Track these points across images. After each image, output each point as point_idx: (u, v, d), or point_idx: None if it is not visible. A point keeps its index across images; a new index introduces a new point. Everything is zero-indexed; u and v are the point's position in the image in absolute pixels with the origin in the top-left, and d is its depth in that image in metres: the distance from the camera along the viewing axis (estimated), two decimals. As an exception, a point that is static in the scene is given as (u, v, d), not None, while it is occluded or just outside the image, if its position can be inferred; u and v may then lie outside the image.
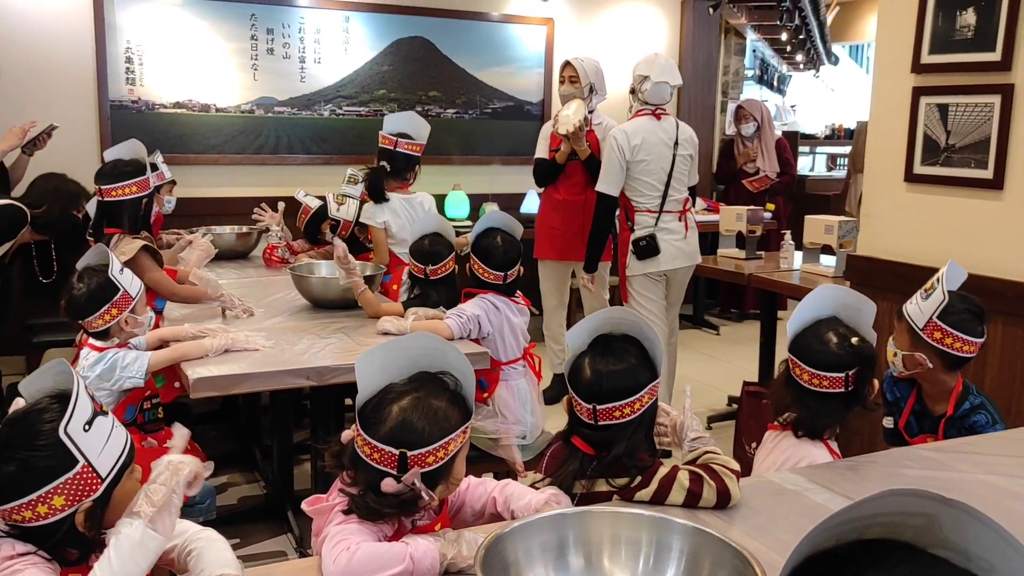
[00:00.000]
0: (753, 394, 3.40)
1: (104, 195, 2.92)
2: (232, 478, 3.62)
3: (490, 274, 2.80)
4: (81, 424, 1.22)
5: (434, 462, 1.33)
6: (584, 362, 1.61)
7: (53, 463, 1.20)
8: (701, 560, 1.19)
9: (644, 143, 3.79)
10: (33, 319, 4.27)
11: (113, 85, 4.89)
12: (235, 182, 5.28)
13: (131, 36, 4.92)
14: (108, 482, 1.25)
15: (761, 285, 3.97)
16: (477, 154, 5.97)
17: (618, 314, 1.66)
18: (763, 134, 6.19)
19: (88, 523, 1.24)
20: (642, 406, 1.58)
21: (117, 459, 1.27)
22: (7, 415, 1.27)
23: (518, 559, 1.20)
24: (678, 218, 3.92)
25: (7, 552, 1.19)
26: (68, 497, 1.21)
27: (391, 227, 3.60)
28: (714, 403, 4.61)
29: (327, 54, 5.45)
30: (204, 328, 2.56)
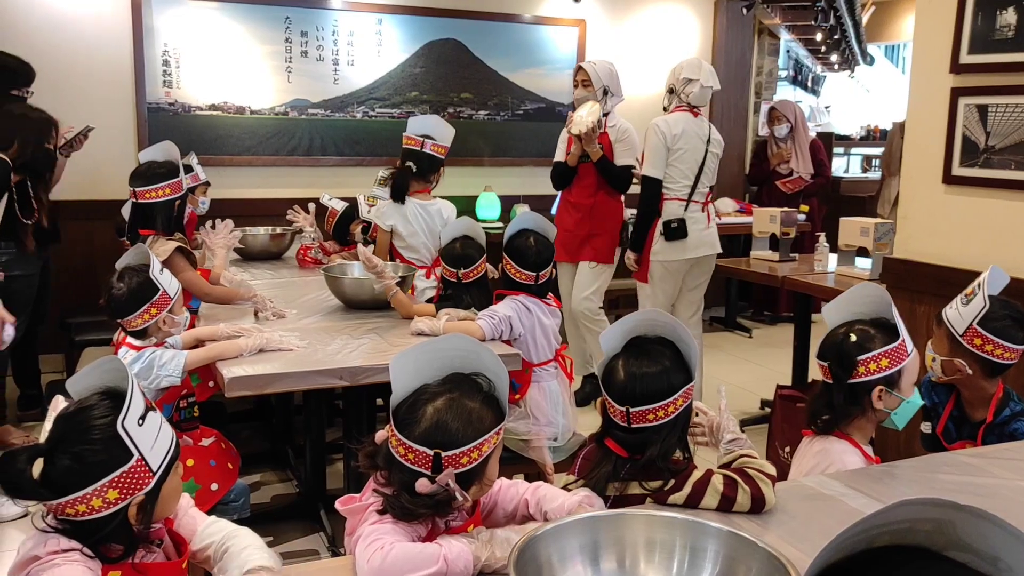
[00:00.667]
0: (787, 398, 3.37)
1: (138, 197, 2.96)
2: (265, 477, 3.65)
3: (522, 274, 2.80)
4: (136, 418, 1.24)
5: (468, 463, 1.34)
6: (618, 364, 1.61)
7: (107, 457, 1.22)
8: (736, 565, 1.18)
9: (683, 134, 4.05)
10: (72, 318, 4.34)
11: (150, 87, 4.97)
12: (269, 183, 5.33)
13: (168, 39, 4.99)
14: (158, 476, 1.27)
15: (795, 288, 3.93)
16: (508, 156, 5.98)
17: (653, 316, 1.65)
18: (797, 135, 6.14)
19: (139, 516, 1.26)
20: (676, 409, 1.57)
21: (166, 454, 1.29)
22: (59, 413, 1.29)
23: (551, 561, 1.19)
24: (701, 208, 4.19)
25: (52, 547, 1.20)
26: (122, 491, 1.23)
27: (399, 231, 3.58)
28: (746, 407, 4.58)
29: (360, 56, 5.49)
30: (239, 328, 2.58)
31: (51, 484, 1.22)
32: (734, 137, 6.79)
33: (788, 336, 4.50)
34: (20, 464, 1.21)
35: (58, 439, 1.24)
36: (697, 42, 6.54)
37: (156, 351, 2.36)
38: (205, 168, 4.49)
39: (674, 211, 4.09)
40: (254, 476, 3.60)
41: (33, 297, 3.92)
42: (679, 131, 4.03)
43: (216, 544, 1.36)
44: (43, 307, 4.11)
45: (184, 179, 3.08)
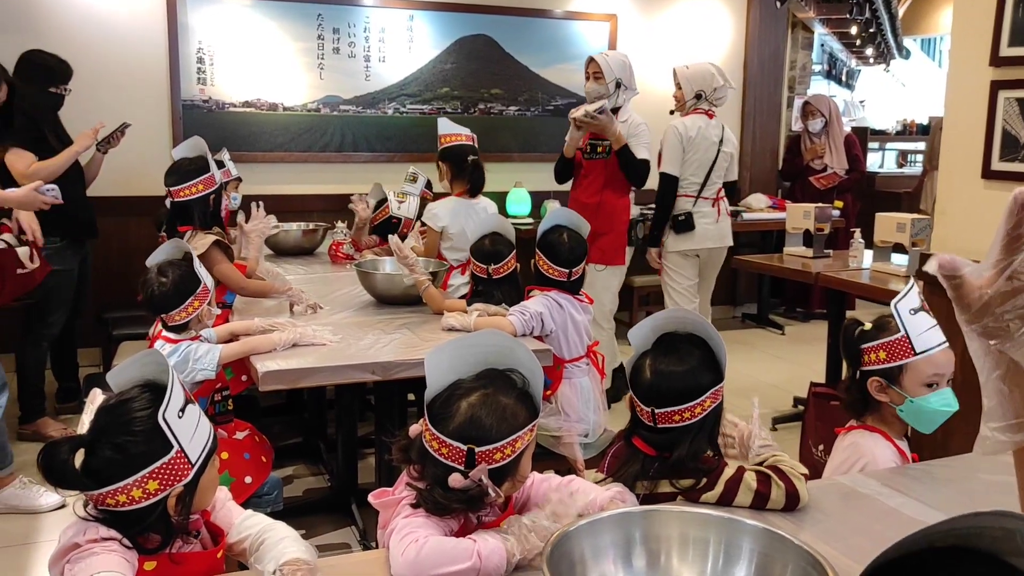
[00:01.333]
0: (820, 395, 3.32)
1: (174, 196, 3.00)
2: (297, 470, 3.68)
3: (555, 270, 2.80)
4: (176, 411, 1.26)
5: (501, 459, 1.34)
6: (645, 363, 1.59)
7: (147, 449, 1.24)
8: (771, 563, 1.16)
9: (697, 136, 4.27)
10: (108, 313, 4.40)
11: (185, 85, 5.02)
12: (301, 180, 5.37)
13: (203, 37, 5.04)
14: (197, 468, 1.29)
15: (830, 284, 3.88)
16: (538, 151, 5.96)
17: (683, 313, 1.63)
18: (831, 130, 6.07)
19: (178, 507, 1.28)
20: (703, 410, 1.55)
21: (204, 446, 1.31)
22: (100, 404, 1.31)
23: (584, 557, 1.19)
24: (711, 204, 4.38)
25: (91, 535, 1.22)
26: (162, 482, 1.25)
27: (449, 231, 3.61)
28: (779, 404, 4.54)
29: (391, 53, 5.51)
30: (273, 322, 2.61)
31: (93, 474, 1.24)
32: (767, 132, 6.73)
33: (821, 333, 4.45)
34: (63, 454, 1.23)
35: (100, 430, 1.26)
36: (730, 36, 6.48)
37: (192, 345, 2.38)
38: (238, 164, 4.54)
39: (682, 206, 4.32)
40: (286, 470, 3.63)
41: (72, 291, 3.99)
42: (694, 133, 4.26)
43: (253, 537, 1.37)
44: (82, 302, 4.18)
45: (216, 173, 3.11)
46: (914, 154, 10.17)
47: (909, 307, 1.86)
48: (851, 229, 4.71)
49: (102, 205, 4.44)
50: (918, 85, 11.69)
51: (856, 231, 4.27)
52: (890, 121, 10.42)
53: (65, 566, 1.21)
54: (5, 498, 3.17)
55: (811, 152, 6.13)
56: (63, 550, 1.22)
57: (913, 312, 1.87)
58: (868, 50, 8.78)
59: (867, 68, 10.35)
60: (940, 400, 1.87)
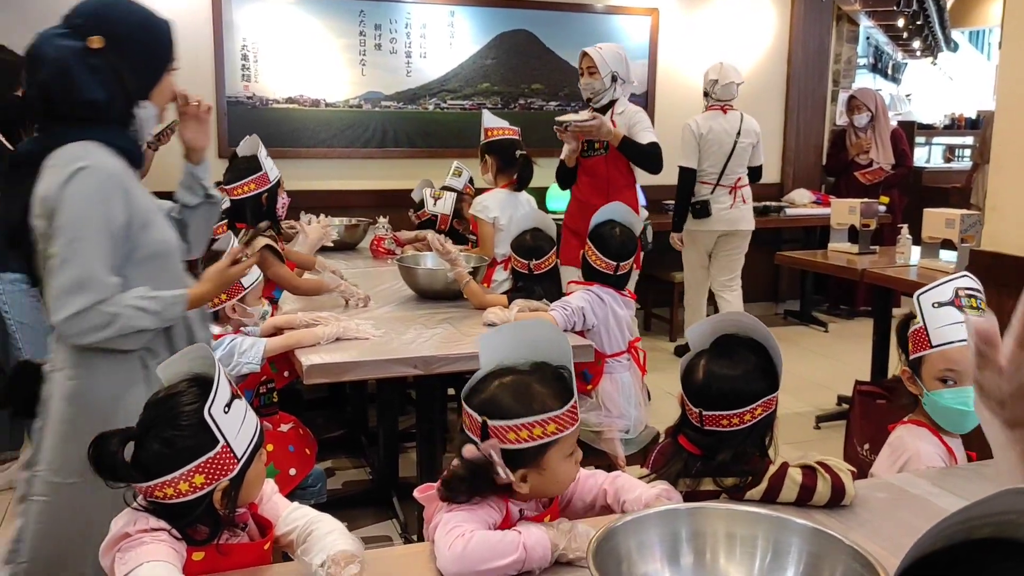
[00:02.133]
0: (866, 394, 3.27)
1: (229, 194, 3.07)
2: (338, 463, 3.72)
3: (602, 262, 2.79)
4: (222, 406, 1.27)
5: (515, 440, 1.32)
6: (700, 363, 1.58)
7: (194, 443, 1.26)
8: (821, 562, 1.15)
9: (711, 130, 4.74)
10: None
11: (230, 81, 5.09)
12: (342, 175, 5.41)
13: (247, 34, 5.10)
14: (243, 463, 1.30)
15: (876, 281, 3.82)
16: (579, 147, 5.94)
17: (744, 317, 1.61)
18: (877, 125, 5.96)
19: (224, 501, 1.29)
20: (752, 418, 1.53)
21: (250, 441, 1.32)
22: (149, 398, 1.33)
23: (631, 553, 1.18)
24: (729, 191, 4.85)
25: (142, 525, 1.24)
26: (208, 476, 1.26)
27: (500, 222, 3.63)
28: (822, 403, 4.48)
29: (432, 49, 5.52)
30: (316, 316, 2.63)
31: (141, 467, 1.26)
32: (810, 127, 6.63)
33: (866, 330, 4.39)
34: (112, 447, 1.25)
35: (149, 424, 1.28)
36: (773, 29, 6.40)
37: (236, 338, 2.42)
38: (280, 160, 4.57)
39: (701, 193, 4.84)
40: (328, 462, 3.66)
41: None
42: (707, 128, 4.74)
43: (300, 529, 1.38)
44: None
45: (270, 172, 3.14)
46: (962, 149, 9.97)
47: (933, 300, 1.85)
48: (898, 225, 4.63)
49: (149, 200, 4.51)
50: (966, 78, 11.45)
51: (903, 227, 4.20)
52: (937, 115, 10.21)
53: (116, 555, 1.23)
54: (11, 474, 3.23)
55: (856, 147, 6.03)
56: (114, 539, 1.24)
57: (937, 306, 1.84)
58: (915, 43, 8.61)
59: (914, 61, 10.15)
60: (954, 397, 1.82)
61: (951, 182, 7.37)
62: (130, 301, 1.67)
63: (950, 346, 1.82)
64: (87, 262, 1.63)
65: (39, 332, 3.22)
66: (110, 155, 1.72)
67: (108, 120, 1.76)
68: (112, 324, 1.65)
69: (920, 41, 8.49)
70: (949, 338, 1.82)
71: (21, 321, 3.16)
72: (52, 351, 1.76)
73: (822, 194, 6.39)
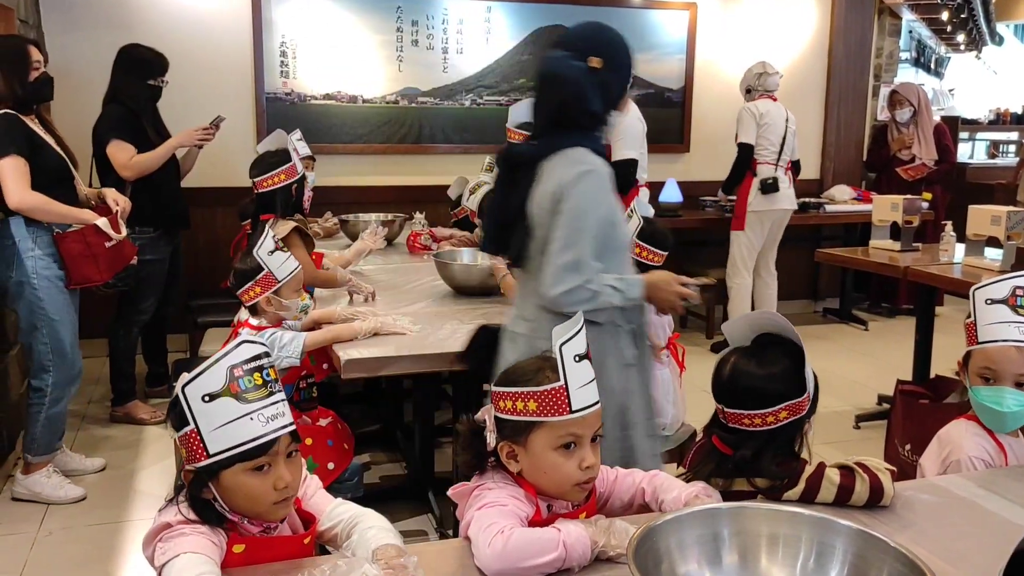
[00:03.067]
0: (908, 394, 3.22)
1: (257, 187, 3.09)
2: (375, 457, 3.74)
3: (656, 255, 2.74)
4: (202, 393, 1.26)
5: (503, 410, 1.38)
6: (730, 359, 1.57)
7: (176, 417, 1.28)
8: (866, 564, 1.13)
9: (767, 112, 5.15)
10: (195, 300, 4.53)
11: (268, 78, 5.13)
12: (379, 171, 5.44)
13: (286, 31, 5.14)
14: (214, 460, 1.27)
15: (918, 279, 3.75)
16: (616, 142, 5.91)
17: (780, 319, 1.59)
18: (920, 119, 5.86)
19: (192, 487, 1.30)
20: (776, 420, 1.51)
21: (233, 447, 1.26)
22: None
23: (671, 552, 1.18)
24: (784, 172, 5.26)
25: (183, 517, 1.26)
26: (187, 453, 1.29)
27: None
28: (862, 402, 4.42)
29: (469, 44, 5.53)
30: (355, 311, 2.65)
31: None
32: (851, 122, 6.54)
33: (907, 329, 4.32)
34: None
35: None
36: (813, 23, 6.31)
37: (276, 332, 2.44)
38: (318, 156, 4.62)
39: (767, 171, 5.17)
40: (364, 457, 3.68)
41: (163, 280, 4.12)
42: (764, 110, 5.13)
43: (344, 523, 1.39)
44: (173, 291, 4.31)
45: (298, 164, 3.17)
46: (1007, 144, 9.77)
47: (988, 296, 1.84)
48: (941, 222, 4.55)
49: (189, 196, 4.57)
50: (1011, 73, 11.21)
51: (947, 224, 4.12)
52: (981, 110, 10.02)
53: (157, 544, 1.25)
54: (30, 483, 3.27)
55: (898, 142, 5.93)
56: (155, 529, 1.26)
57: (990, 302, 1.83)
58: (959, 36, 8.45)
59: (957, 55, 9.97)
60: (990, 396, 1.81)
61: (996, 178, 7.22)
62: (608, 282, 1.96)
63: (992, 344, 1.81)
64: (582, 248, 1.93)
65: (68, 328, 3.27)
66: (601, 160, 2.01)
67: (598, 129, 2.08)
68: (593, 300, 1.94)
69: (964, 34, 8.33)
70: (993, 336, 1.82)
71: (54, 318, 3.20)
72: (518, 318, 2.10)
73: (863, 190, 6.29)
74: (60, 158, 3.25)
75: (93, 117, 3.96)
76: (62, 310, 3.23)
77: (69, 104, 4.33)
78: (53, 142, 3.25)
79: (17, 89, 3.13)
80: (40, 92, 3.24)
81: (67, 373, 3.28)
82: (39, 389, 3.25)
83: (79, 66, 4.68)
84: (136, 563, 2.75)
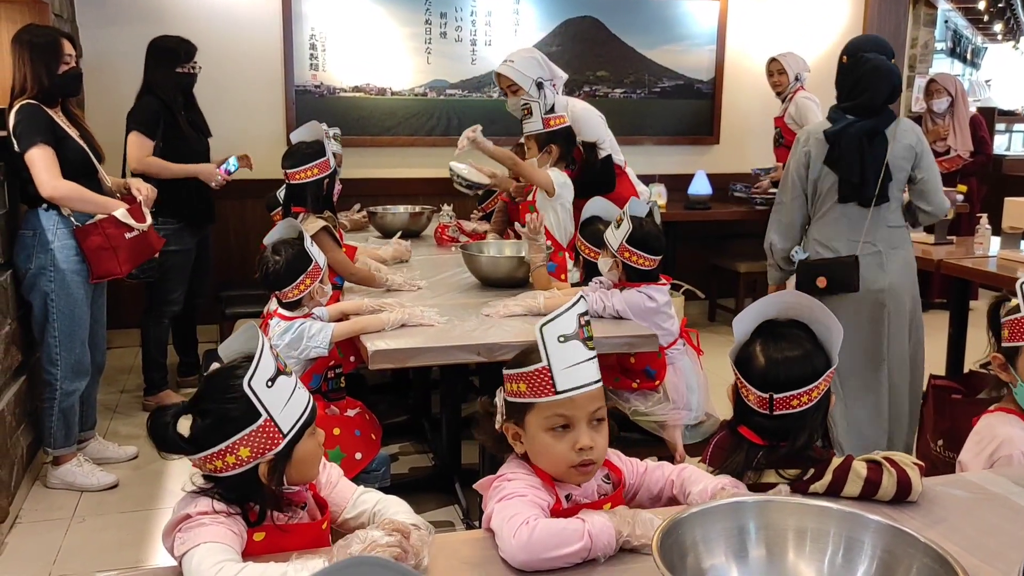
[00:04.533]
0: (941, 388, 3.17)
1: (289, 179, 3.10)
2: (402, 448, 3.76)
3: (649, 260, 2.68)
4: (264, 380, 1.29)
5: (508, 392, 1.43)
6: (755, 349, 1.56)
7: (239, 415, 1.28)
8: (896, 560, 1.11)
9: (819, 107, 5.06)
10: (225, 291, 4.58)
11: (298, 71, 5.16)
12: (407, 163, 5.45)
13: (315, 24, 5.16)
14: (289, 438, 1.31)
15: (953, 272, 3.70)
16: (644, 134, 5.88)
17: (787, 298, 1.60)
18: (956, 111, 5.76)
19: (270, 476, 1.31)
20: (819, 393, 1.52)
21: (299, 418, 1.33)
22: (204, 374, 1.35)
23: (696, 545, 1.17)
24: None
25: (202, 508, 1.27)
26: (253, 449, 1.29)
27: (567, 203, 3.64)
28: (894, 396, 4.35)
29: (497, 36, 5.52)
30: (382, 302, 2.66)
31: (193, 439, 1.28)
32: (885, 113, 6.44)
33: (940, 323, 4.25)
34: (166, 419, 1.28)
35: (199, 397, 1.31)
36: (847, 13, 6.22)
37: (305, 323, 2.45)
38: (347, 149, 4.63)
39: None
40: (391, 447, 3.70)
41: (188, 271, 4.15)
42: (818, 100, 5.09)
43: (369, 511, 1.40)
44: (201, 283, 4.34)
45: (331, 158, 3.17)
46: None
47: None
48: (976, 215, 4.47)
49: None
50: (1051, 62, 10.98)
51: (982, 217, 4.05)
52: (1019, 101, 9.83)
53: (176, 535, 1.26)
54: (61, 474, 3.32)
55: (933, 134, 5.83)
56: (175, 520, 1.27)
57: None
58: (996, 26, 8.31)
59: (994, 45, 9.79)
60: None
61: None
62: None
63: None
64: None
65: (80, 323, 3.29)
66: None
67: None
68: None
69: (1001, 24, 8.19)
70: None
71: (66, 311, 3.22)
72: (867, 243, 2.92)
73: (896, 183, 6.20)
74: (83, 151, 3.28)
75: (125, 110, 3.99)
76: (77, 304, 3.25)
77: (101, 97, 4.39)
78: (77, 135, 3.28)
79: (44, 80, 3.15)
80: (67, 86, 3.27)
81: (75, 368, 3.30)
82: (48, 383, 3.28)
83: (112, 59, 4.74)
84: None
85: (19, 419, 3.25)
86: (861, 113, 2.97)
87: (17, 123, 3.10)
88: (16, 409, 3.20)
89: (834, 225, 3.04)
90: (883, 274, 3.05)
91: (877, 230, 3.01)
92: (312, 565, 1.13)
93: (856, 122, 2.97)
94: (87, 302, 3.31)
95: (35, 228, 3.18)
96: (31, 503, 3.21)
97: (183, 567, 1.22)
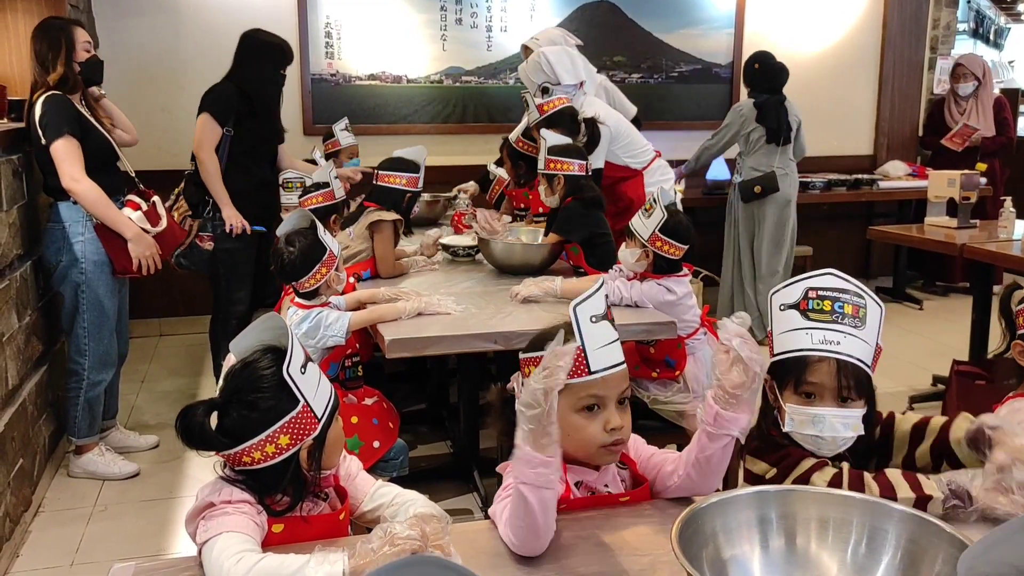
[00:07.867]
0: (964, 374, 3.13)
1: (378, 179, 3.20)
2: (420, 436, 3.76)
3: (677, 248, 2.66)
4: (298, 367, 1.29)
5: (526, 375, 1.38)
6: None
7: (276, 403, 1.28)
8: (920, 550, 1.09)
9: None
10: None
11: (314, 59, 5.15)
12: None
13: (330, 12, 5.15)
14: (323, 423, 1.32)
15: (976, 256, 3.64)
16: (662, 119, 5.83)
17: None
18: (981, 92, 5.67)
19: (310, 462, 1.32)
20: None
21: (327, 403, 1.34)
22: (227, 370, 1.35)
23: (716, 535, 1.15)
24: None
25: (225, 496, 1.27)
26: (292, 436, 1.29)
27: None
28: (916, 382, 4.32)
29: (513, 22, 5.48)
30: (399, 291, 2.65)
31: (228, 434, 1.28)
32: (906, 96, 6.36)
33: (963, 308, 4.20)
34: (198, 417, 1.28)
35: (231, 392, 1.30)
36: (867, -6, 6.13)
37: (323, 311, 2.45)
38: (363, 137, 4.62)
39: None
40: (409, 436, 3.70)
41: (250, 268, 3.88)
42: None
43: (387, 504, 1.40)
44: (266, 284, 3.98)
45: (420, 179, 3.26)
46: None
47: None
48: (1000, 198, 4.41)
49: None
50: (1076, 43, 10.78)
51: (1006, 200, 3.99)
52: (1044, 82, 9.67)
53: (199, 522, 1.26)
54: (84, 463, 3.34)
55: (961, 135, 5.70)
56: (198, 508, 1.27)
57: None
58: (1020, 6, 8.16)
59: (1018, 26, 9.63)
60: None
61: (1058, 152, 6.98)
62: None
63: None
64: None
65: (108, 314, 3.29)
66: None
67: None
68: None
69: (1026, 3, 8.03)
70: None
71: (96, 302, 3.24)
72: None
73: (918, 166, 6.12)
74: (107, 142, 3.29)
75: (142, 100, 3.98)
76: (106, 295, 3.27)
77: (118, 87, 4.38)
78: (99, 126, 3.29)
79: (65, 71, 3.16)
80: (90, 74, 3.28)
81: (103, 358, 3.32)
82: (75, 373, 3.30)
83: (128, 49, 4.74)
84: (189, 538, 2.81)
85: (41, 409, 3.27)
86: (773, 93, 4.85)
87: (44, 113, 3.09)
88: (38, 399, 3.23)
89: (763, 156, 4.87)
90: (787, 183, 4.87)
91: (784, 159, 4.86)
92: (332, 558, 1.13)
93: (771, 98, 4.84)
94: (115, 293, 3.33)
95: (62, 221, 3.20)
96: (53, 492, 3.25)
97: (203, 555, 1.22)
